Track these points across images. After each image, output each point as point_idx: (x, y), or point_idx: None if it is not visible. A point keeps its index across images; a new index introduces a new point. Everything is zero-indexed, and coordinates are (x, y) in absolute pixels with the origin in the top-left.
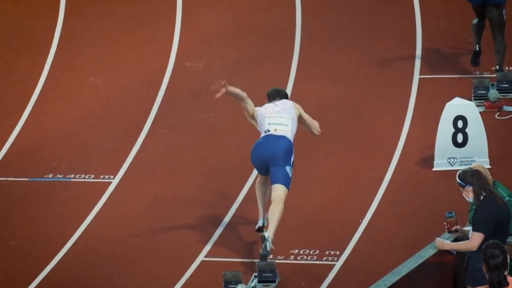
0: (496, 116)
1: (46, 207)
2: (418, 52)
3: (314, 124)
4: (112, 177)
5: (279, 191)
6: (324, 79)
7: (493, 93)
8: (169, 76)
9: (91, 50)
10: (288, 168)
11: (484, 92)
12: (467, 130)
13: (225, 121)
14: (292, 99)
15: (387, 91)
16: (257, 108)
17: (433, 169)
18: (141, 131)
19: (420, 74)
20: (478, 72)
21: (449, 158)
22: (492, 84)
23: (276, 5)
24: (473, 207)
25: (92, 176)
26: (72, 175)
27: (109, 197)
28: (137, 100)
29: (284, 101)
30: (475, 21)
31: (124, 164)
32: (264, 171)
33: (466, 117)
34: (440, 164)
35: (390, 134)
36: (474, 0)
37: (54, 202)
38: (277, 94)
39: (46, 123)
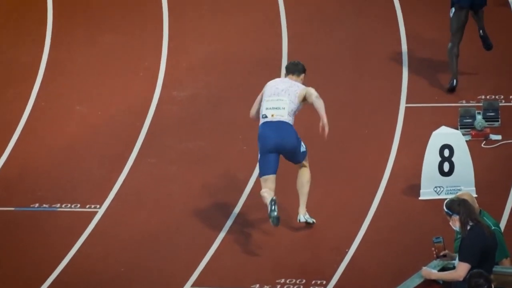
0: (482, 145)
1: (32, 237)
2: (405, 80)
3: (311, 91)
4: (98, 206)
5: (301, 164)
6: (310, 107)
7: (479, 122)
8: (155, 105)
9: (77, 79)
10: (301, 148)
11: (470, 120)
12: (453, 159)
13: (211, 150)
14: None
15: (374, 120)
16: (267, 84)
17: (420, 198)
18: (127, 160)
19: (406, 103)
20: (464, 101)
21: (436, 187)
22: (478, 113)
23: (262, 34)
24: (459, 236)
25: (78, 205)
26: (58, 205)
27: (96, 226)
28: (123, 129)
29: (293, 82)
30: (450, 45)
31: (110, 193)
32: (274, 160)
33: (453, 146)
34: (426, 193)
35: (376, 163)
36: (464, 1)
37: (40, 231)
38: (292, 70)
39: (32, 152)
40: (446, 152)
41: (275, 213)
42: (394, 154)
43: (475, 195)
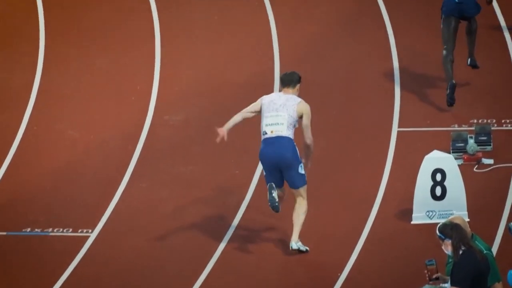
0: (474, 169)
1: (24, 261)
2: (397, 105)
3: (307, 134)
4: (90, 231)
5: (298, 192)
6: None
7: (471, 146)
8: (147, 129)
9: (70, 103)
10: (299, 167)
11: (462, 145)
12: (445, 183)
13: (203, 175)
14: None
15: (366, 144)
16: (263, 98)
17: (412, 222)
18: (120, 184)
19: (398, 127)
20: (456, 125)
21: (428, 211)
22: (470, 137)
23: (254, 59)
24: (451, 260)
25: (70, 230)
26: (50, 229)
27: (88, 250)
28: (115, 153)
29: (290, 98)
30: (444, 53)
31: (102, 217)
32: (277, 176)
33: (445, 170)
34: (418, 217)
35: (368, 187)
36: (454, 11)
37: (33, 256)
38: (288, 82)
39: (24, 176)
40: (438, 176)
41: (276, 203)
42: (386, 178)
43: (467, 219)
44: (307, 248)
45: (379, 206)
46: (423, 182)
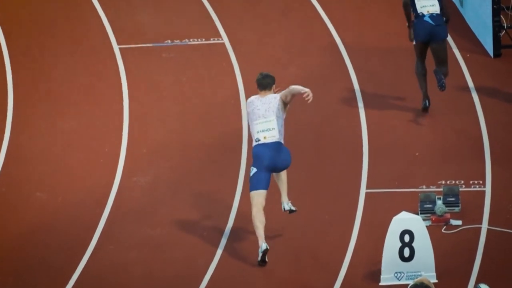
0: (442, 230)
1: None
2: (365, 166)
3: (294, 90)
4: None
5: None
6: (270, 193)
7: (439, 207)
8: (115, 191)
9: (38, 165)
10: None
11: (430, 206)
12: (413, 244)
13: (171, 236)
14: (239, 215)
15: (334, 205)
16: (248, 105)
17: (380, 284)
18: (88, 246)
19: (366, 188)
20: (424, 186)
21: (396, 273)
22: (439, 198)
23: (222, 119)
24: None
25: None
26: None
27: None
28: (83, 215)
29: (270, 98)
30: (416, 65)
31: (70, 280)
32: (267, 178)
33: (413, 231)
34: (387, 279)
35: (337, 248)
36: (422, 36)
37: None
38: (265, 85)
39: None
40: (407, 238)
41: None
42: (355, 240)
43: (435, 281)
44: (296, 209)
45: (348, 267)
46: (391, 243)
